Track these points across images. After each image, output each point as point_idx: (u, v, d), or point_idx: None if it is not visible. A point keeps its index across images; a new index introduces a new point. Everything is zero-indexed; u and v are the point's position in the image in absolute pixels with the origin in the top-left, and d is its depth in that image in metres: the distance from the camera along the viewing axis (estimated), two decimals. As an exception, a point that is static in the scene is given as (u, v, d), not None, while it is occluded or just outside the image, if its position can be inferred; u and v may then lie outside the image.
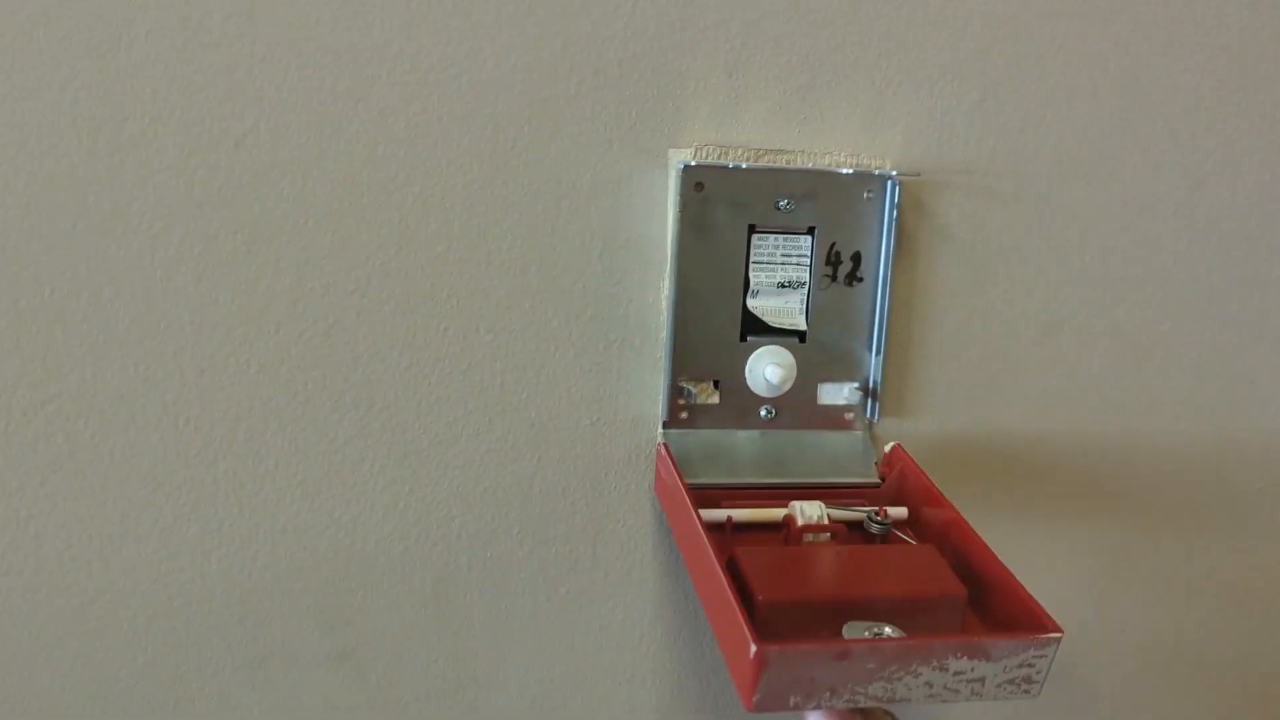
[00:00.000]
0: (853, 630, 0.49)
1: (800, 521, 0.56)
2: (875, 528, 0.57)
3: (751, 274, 0.59)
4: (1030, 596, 0.49)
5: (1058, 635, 0.47)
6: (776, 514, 0.57)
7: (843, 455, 0.61)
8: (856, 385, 0.61)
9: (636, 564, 0.61)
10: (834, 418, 0.62)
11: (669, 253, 0.58)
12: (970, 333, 0.63)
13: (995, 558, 0.52)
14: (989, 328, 0.63)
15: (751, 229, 0.58)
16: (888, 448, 0.61)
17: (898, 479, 0.60)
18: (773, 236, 0.59)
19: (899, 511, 0.59)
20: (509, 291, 0.56)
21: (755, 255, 0.59)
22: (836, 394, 0.61)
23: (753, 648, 0.44)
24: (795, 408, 0.61)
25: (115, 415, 0.53)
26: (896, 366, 0.62)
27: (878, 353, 0.61)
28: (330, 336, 0.55)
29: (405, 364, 0.56)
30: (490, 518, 0.59)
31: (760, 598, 0.49)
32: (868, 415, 0.62)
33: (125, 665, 0.56)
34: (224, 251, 0.53)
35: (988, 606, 0.52)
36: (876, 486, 0.60)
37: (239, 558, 0.56)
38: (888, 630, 0.49)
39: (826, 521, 0.56)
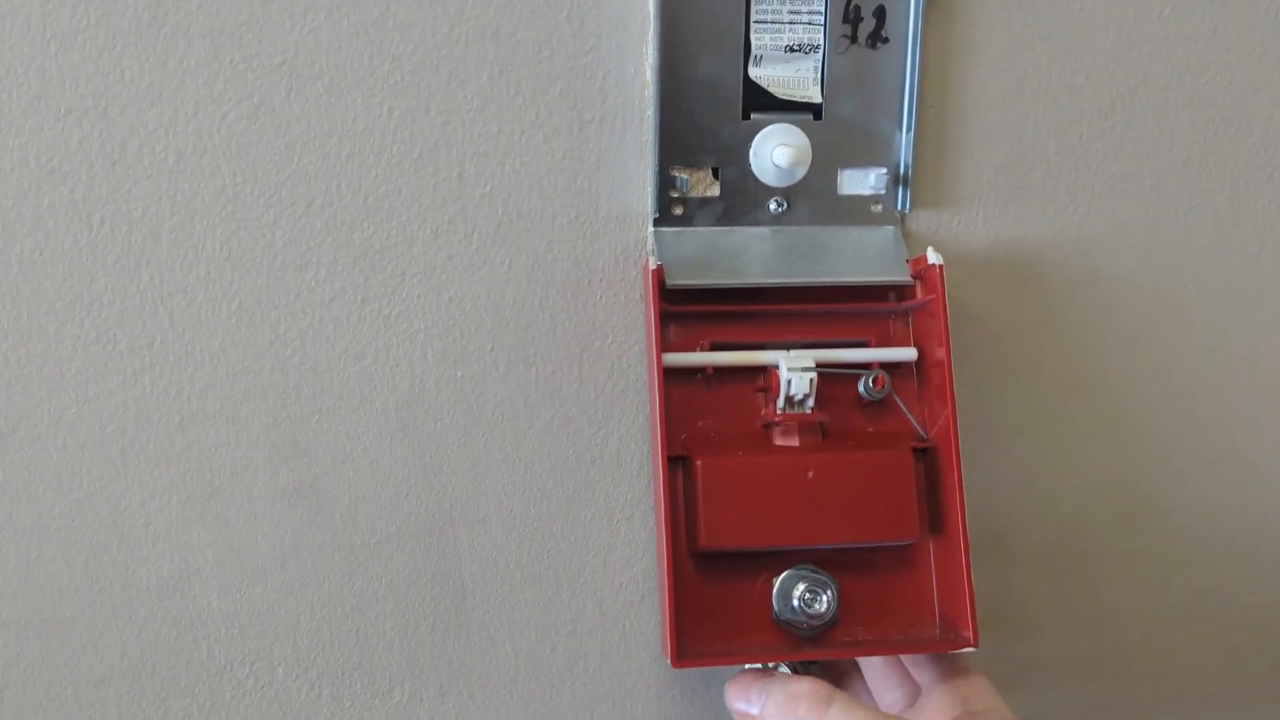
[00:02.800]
0: (784, 586, 0.51)
1: (781, 399, 0.50)
2: (868, 396, 0.51)
3: (753, 36, 0.50)
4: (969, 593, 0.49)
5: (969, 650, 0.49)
6: (769, 358, 0.51)
7: (869, 253, 0.52)
8: (884, 170, 0.52)
9: (631, 385, 0.53)
10: (858, 210, 0.52)
11: (651, 11, 0.49)
12: (1021, 103, 0.52)
13: (959, 501, 0.49)
14: (1045, 97, 0.52)
15: (751, -20, 0.49)
16: (931, 259, 0.51)
17: (922, 291, 0.51)
18: (777, -11, 0.49)
19: (907, 354, 0.52)
20: (460, 62, 0.48)
21: (757, 13, 0.49)
22: (860, 181, 0.52)
23: (669, 662, 0.49)
24: (811, 199, 0.52)
25: (20, 215, 0.47)
26: (932, 147, 0.52)
27: (909, 130, 0.51)
28: (257, 119, 0.48)
29: (345, 152, 0.49)
30: (459, 333, 0.51)
31: (702, 544, 0.49)
32: (898, 206, 0.52)
33: (58, 501, 0.50)
34: (125, 18, 0.46)
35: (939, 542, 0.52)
36: (909, 285, 0.51)
37: (175, 379, 0.50)
38: (825, 598, 0.50)
39: (812, 390, 0.50)
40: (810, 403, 0.50)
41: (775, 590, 0.51)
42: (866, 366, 0.51)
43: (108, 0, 0.45)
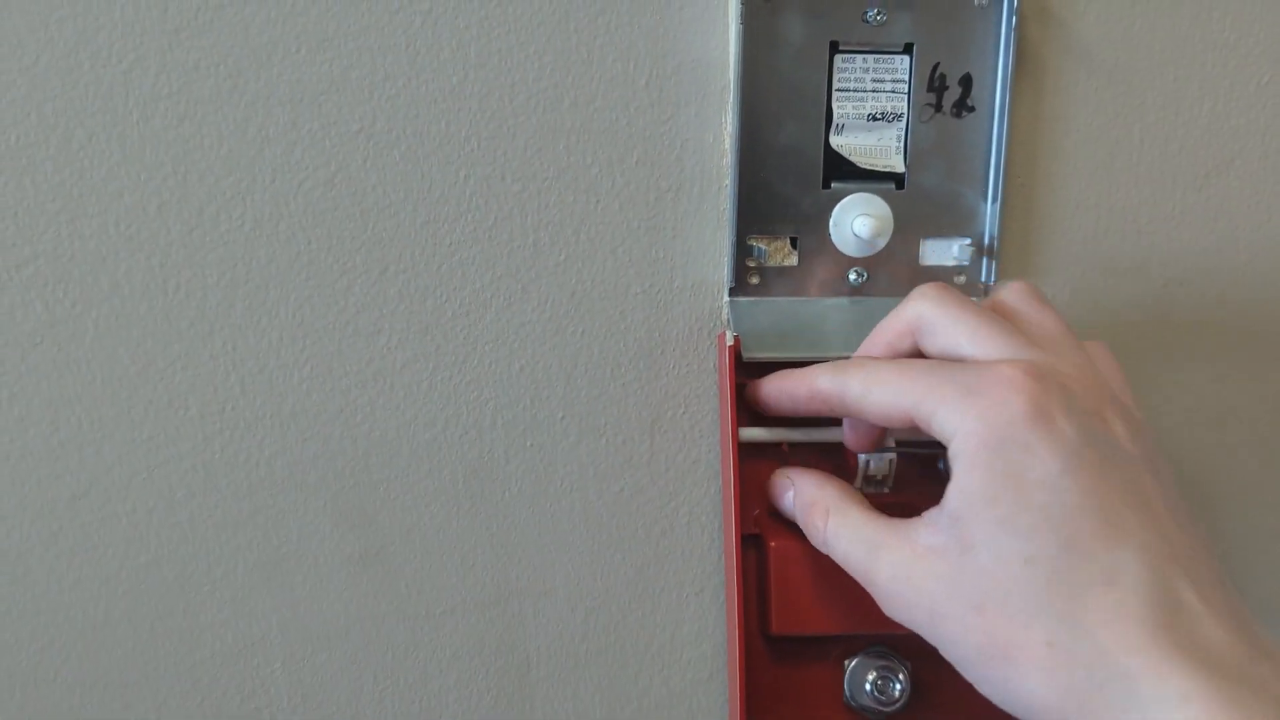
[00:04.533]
0: (857, 672, 0.50)
1: (859, 479, 0.49)
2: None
3: (835, 104, 0.49)
4: None
5: None
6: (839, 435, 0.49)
7: (951, 327, 0.51)
8: (968, 241, 0.50)
9: (703, 456, 0.52)
10: (941, 281, 0.51)
11: (731, 79, 0.48)
12: (1112, 174, 0.51)
13: None
14: (1137, 168, 0.51)
15: (834, 48, 0.48)
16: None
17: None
18: (860, 57, 0.48)
19: None
20: (538, 131, 0.48)
21: (839, 81, 0.48)
22: (943, 252, 0.50)
23: None
24: (892, 269, 0.51)
25: (97, 281, 0.47)
26: (1018, 217, 0.51)
27: (994, 200, 0.50)
28: (333, 186, 0.47)
29: (421, 220, 0.48)
30: (529, 401, 0.51)
31: (774, 629, 0.48)
32: (983, 278, 0.51)
33: (125, 564, 0.50)
34: (206, 85, 0.46)
35: None
36: (992, 362, 0.50)
37: (245, 445, 0.49)
38: (898, 685, 0.49)
39: (891, 471, 0.48)
40: (889, 483, 0.48)
41: (847, 676, 0.50)
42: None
43: (189, 68, 0.45)
